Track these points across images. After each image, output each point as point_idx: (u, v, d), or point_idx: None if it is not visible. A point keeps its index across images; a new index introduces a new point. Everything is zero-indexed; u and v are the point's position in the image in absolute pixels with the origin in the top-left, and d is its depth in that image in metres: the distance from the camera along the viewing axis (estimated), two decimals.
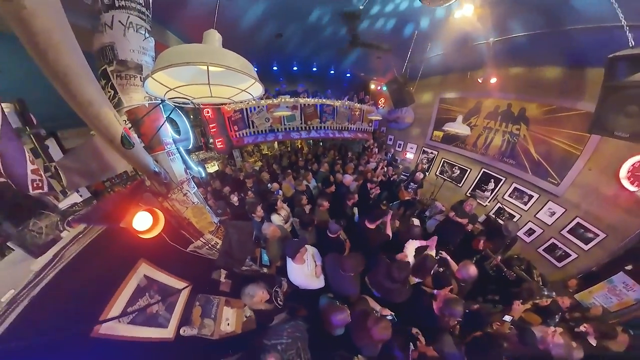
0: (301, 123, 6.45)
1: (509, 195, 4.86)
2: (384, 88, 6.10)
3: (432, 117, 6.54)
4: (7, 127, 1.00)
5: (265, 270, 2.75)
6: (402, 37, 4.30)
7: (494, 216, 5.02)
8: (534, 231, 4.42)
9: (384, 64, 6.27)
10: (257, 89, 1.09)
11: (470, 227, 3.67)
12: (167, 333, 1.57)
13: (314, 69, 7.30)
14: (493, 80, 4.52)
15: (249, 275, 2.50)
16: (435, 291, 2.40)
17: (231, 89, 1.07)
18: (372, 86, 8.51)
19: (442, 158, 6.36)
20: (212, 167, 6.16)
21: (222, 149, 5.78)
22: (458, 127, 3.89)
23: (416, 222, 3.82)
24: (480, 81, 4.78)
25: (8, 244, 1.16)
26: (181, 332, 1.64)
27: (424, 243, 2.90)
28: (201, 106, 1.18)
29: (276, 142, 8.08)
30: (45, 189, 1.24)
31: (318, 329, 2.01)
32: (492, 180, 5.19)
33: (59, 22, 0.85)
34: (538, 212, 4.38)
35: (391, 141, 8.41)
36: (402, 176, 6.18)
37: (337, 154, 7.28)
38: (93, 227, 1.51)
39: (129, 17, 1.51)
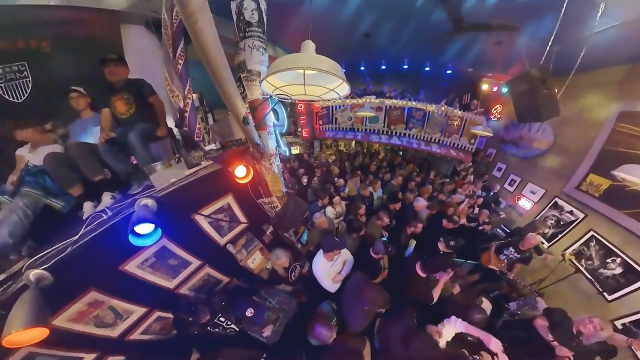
0: (384, 126, 6.00)
1: None
2: (504, 89, 4.20)
3: (594, 147, 3.77)
4: (193, 105, 2.07)
5: (299, 246, 3.29)
6: (541, 5, 2.72)
7: None
8: None
9: (506, 51, 4.13)
10: (344, 89, 1.24)
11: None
12: (221, 241, 2.50)
13: (405, 67, 6.19)
14: None
15: (286, 242, 3.15)
16: None
17: (322, 88, 1.27)
18: (485, 86, 6.04)
19: (591, 230, 3.65)
20: (295, 150, 7.39)
21: (306, 137, 6.87)
22: None
23: (486, 305, 2.72)
24: None
25: (181, 158, 2.37)
26: (227, 246, 2.54)
27: (477, 333, 1.99)
28: (297, 101, 1.53)
29: (354, 141, 7.93)
30: (202, 138, 2.38)
31: (302, 322, 2.11)
32: None
33: (220, 52, 1.50)
34: None
35: (500, 172, 5.88)
36: (498, 230, 4.38)
37: (416, 170, 6.13)
38: (216, 164, 2.62)
39: (253, 41, 2.37)
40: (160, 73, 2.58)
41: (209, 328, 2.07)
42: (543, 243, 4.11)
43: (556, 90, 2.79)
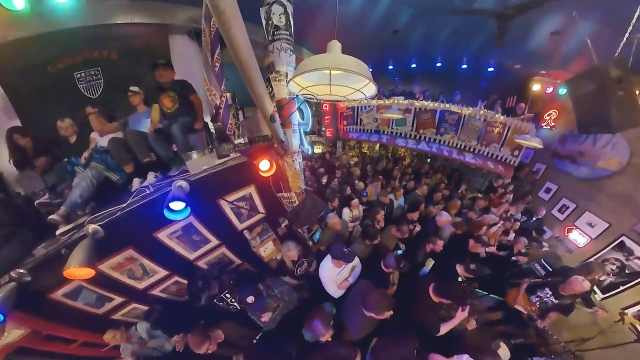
0: (412, 130, 5.64)
1: None
2: (562, 90, 3.61)
3: None
4: (227, 103, 2.37)
5: (310, 243, 3.38)
6: None
7: None
8: None
9: (566, 41, 3.37)
10: (371, 89, 1.22)
11: None
12: (239, 226, 2.75)
13: (438, 65, 5.64)
14: None
15: (298, 237, 3.28)
16: None
17: (347, 88, 1.27)
18: (536, 87, 5.15)
19: None
20: (318, 149, 7.58)
21: (329, 137, 7.00)
22: None
23: (504, 352, 2.40)
24: None
25: (213, 149, 2.68)
26: (244, 232, 2.77)
27: None
28: (322, 101, 1.54)
29: (378, 144, 7.50)
30: (232, 132, 2.67)
31: (299, 316, 2.19)
32: None
33: (251, 55, 1.64)
34: None
35: (549, 194, 4.95)
36: (536, 265, 3.65)
37: (444, 181, 5.55)
38: (243, 157, 2.89)
39: (281, 44, 2.58)
40: (200, 75, 3.00)
41: (215, 300, 2.37)
42: (595, 293, 3.34)
43: (638, 93, 2.10)
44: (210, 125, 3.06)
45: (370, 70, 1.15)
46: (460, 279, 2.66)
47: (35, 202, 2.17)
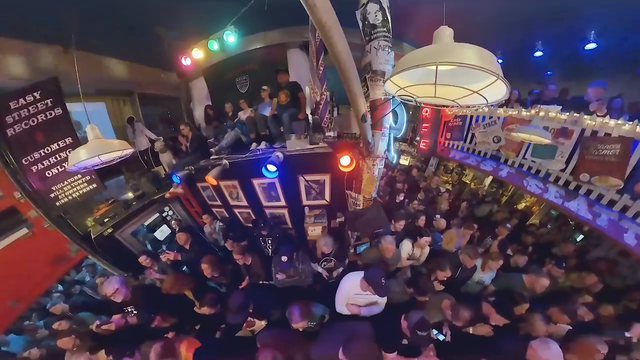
0: (564, 170, 3.23)
1: None
2: None
3: None
4: (326, 100, 3.11)
5: (351, 250, 3.47)
6: None
7: None
8: None
9: None
10: (497, 92, 0.92)
11: None
12: (304, 201, 3.56)
13: None
14: None
15: (344, 238, 3.54)
16: None
17: (460, 89, 0.97)
18: None
19: None
20: (404, 161, 6.73)
21: (423, 150, 5.73)
22: None
23: None
24: None
25: (308, 136, 3.49)
26: (305, 207, 3.56)
27: None
28: (422, 105, 1.35)
29: (491, 178, 5.35)
30: (326, 125, 3.38)
31: (299, 297, 2.34)
32: None
33: (349, 57, 1.65)
34: None
35: None
36: None
37: (597, 287, 2.87)
38: (329, 148, 3.52)
39: (379, 42, 2.52)
40: (307, 77, 4.00)
41: (259, 238, 3.46)
42: None
43: None
44: (310, 117, 4.00)
45: (500, 61, 0.90)
46: None
47: (207, 140, 4.29)
